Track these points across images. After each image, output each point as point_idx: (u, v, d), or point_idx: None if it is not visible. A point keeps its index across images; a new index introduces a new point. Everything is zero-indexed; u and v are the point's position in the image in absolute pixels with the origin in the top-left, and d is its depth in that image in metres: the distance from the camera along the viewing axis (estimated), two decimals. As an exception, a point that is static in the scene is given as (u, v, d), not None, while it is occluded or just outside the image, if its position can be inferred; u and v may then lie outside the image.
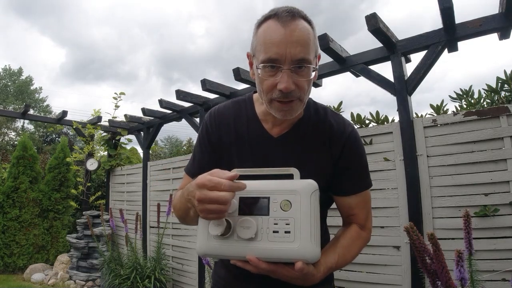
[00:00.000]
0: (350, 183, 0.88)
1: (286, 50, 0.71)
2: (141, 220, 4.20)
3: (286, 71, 0.72)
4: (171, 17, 77.92)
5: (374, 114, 2.74)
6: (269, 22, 0.74)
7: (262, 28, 0.75)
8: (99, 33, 58.56)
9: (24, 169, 4.98)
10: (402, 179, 2.16)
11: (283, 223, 0.67)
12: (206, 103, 3.63)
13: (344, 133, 0.87)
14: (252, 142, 0.88)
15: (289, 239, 0.65)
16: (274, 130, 0.87)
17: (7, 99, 23.66)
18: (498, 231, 1.81)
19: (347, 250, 0.83)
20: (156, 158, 10.23)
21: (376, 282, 2.20)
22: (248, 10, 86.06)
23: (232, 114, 0.92)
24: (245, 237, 0.67)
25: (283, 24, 0.71)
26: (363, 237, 0.89)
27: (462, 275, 1.03)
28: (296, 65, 0.72)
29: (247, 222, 0.68)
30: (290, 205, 0.68)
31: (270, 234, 0.67)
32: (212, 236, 0.70)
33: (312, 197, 0.69)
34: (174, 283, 3.81)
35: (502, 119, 1.86)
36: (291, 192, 0.69)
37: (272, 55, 0.72)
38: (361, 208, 0.89)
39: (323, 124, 0.87)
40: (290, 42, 0.71)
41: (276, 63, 0.72)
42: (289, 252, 0.65)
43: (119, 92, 5.05)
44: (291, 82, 0.72)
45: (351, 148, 0.87)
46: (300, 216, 0.66)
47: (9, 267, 4.73)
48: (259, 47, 0.75)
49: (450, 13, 1.98)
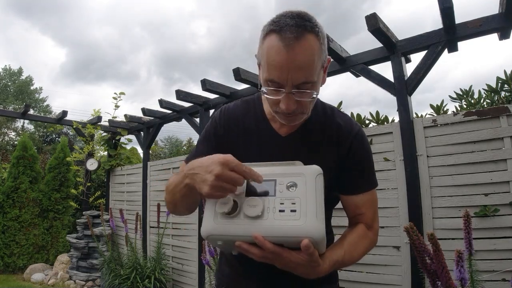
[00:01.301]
0: (358, 182, 0.88)
1: (288, 75, 0.70)
2: (141, 220, 4.20)
3: (287, 94, 0.72)
4: (173, 16, 77.98)
5: (374, 114, 2.74)
6: (273, 39, 0.71)
7: (267, 43, 0.73)
8: (100, 33, 58.62)
9: (24, 169, 4.98)
10: (402, 179, 2.16)
11: (289, 203, 0.68)
12: (206, 103, 3.63)
13: (351, 132, 0.88)
14: (260, 140, 0.89)
15: (295, 217, 0.66)
16: (282, 130, 0.89)
17: (7, 99, 23.67)
18: (498, 231, 1.81)
19: (353, 247, 0.82)
20: (156, 158, 10.23)
21: (376, 282, 2.20)
22: (250, 9, 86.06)
23: (241, 112, 0.93)
24: (251, 215, 0.68)
25: (287, 47, 0.68)
26: (370, 237, 0.88)
27: (462, 275, 1.03)
28: (297, 89, 0.72)
29: (254, 201, 0.69)
30: (296, 186, 0.70)
31: (276, 213, 0.68)
32: (219, 214, 0.70)
33: (317, 179, 0.71)
34: (174, 283, 3.81)
35: (502, 119, 1.86)
36: (297, 175, 0.71)
37: (274, 78, 0.72)
38: (368, 208, 0.89)
39: (331, 123, 0.88)
40: (292, 67, 0.69)
41: (277, 87, 0.73)
42: (295, 229, 0.65)
43: (119, 92, 5.06)
44: (291, 103, 0.73)
45: (358, 147, 0.88)
46: (306, 196, 0.68)
47: (9, 267, 4.73)
48: (263, 62, 0.74)
49: (450, 13, 1.98)
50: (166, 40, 69.96)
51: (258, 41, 0.78)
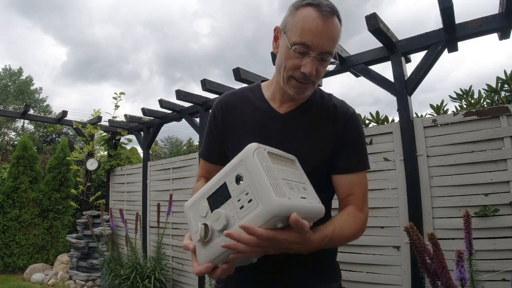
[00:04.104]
0: (351, 161, 0.92)
1: (320, 41, 0.79)
2: (141, 220, 4.20)
3: (313, 58, 0.80)
4: (176, 15, 77.93)
5: (374, 114, 2.74)
6: (311, 10, 0.80)
7: (302, 12, 0.81)
8: (102, 32, 58.58)
9: (24, 169, 4.98)
10: (402, 179, 2.16)
11: (244, 195, 0.67)
12: (206, 103, 3.63)
13: (347, 113, 0.94)
14: (259, 117, 0.94)
15: (254, 205, 0.64)
16: (281, 108, 0.94)
17: (7, 99, 23.65)
18: (498, 231, 1.81)
19: (344, 224, 0.83)
20: (156, 158, 10.24)
21: (376, 282, 2.20)
22: (254, 9, 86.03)
23: (239, 97, 1.00)
24: (220, 228, 0.67)
25: (324, 18, 0.79)
26: (361, 217, 0.89)
27: (462, 275, 1.03)
28: (322, 56, 0.81)
29: (216, 214, 0.69)
30: (242, 176, 0.68)
31: (238, 212, 0.67)
32: (199, 244, 0.70)
33: (255, 155, 0.68)
34: (174, 283, 3.81)
35: (502, 119, 1.86)
36: (237, 165, 0.69)
37: (307, 41, 0.79)
38: (359, 189, 0.91)
39: (328, 104, 0.95)
40: (325, 35, 0.79)
41: (307, 49, 0.80)
42: (258, 216, 0.63)
43: (119, 92, 5.07)
44: (314, 68, 0.81)
45: (353, 126, 0.93)
46: (253, 179, 0.66)
47: (9, 267, 4.73)
48: (294, 28, 0.81)
49: (450, 13, 1.98)
50: (168, 40, 69.98)
51: (286, 13, 0.86)
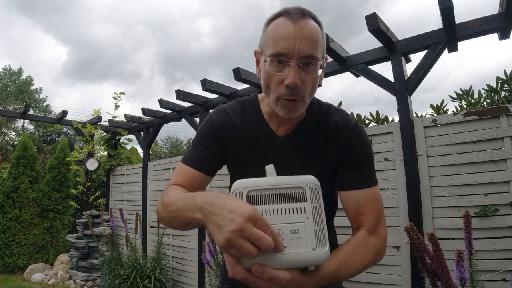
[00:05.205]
0: (357, 177, 0.85)
1: (295, 45, 0.72)
2: (141, 220, 4.20)
3: (293, 66, 0.72)
4: (176, 15, 77.89)
5: (374, 114, 2.74)
6: (280, 19, 0.76)
7: (272, 24, 0.77)
8: (103, 32, 58.62)
9: (24, 169, 4.98)
10: (402, 179, 2.16)
11: None
12: (206, 103, 3.63)
13: (348, 125, 0.86)
14: (258, 142, 0.89)
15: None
16: (280, 131, 0.88)
17: (7, 99, 23.64)
18: (498, 231, 1.81)
19: (349, 257, 0.73)
20: (156, 158, 10.24)
21: (376, 282, 2.20)
22: (255, 9, 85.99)
23: (238, 114, 0.92)
24: None
25: (293, 21, 0.73)
26: (372, 244, 0.78)
27: (462, 275, 1.03)
28: (303, 61, 0.73)
29: None
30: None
31: None
32: None
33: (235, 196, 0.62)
34: (174, 283, 3.81)
35: (502, 119, 1.86)
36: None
37: (281, 50, 0.72)
38: (370, 207, 0.82)
39: (328, 119, 0.88)
40: (299, 37, 0.72)
41: (284, 58, 0.73)
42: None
43: (119, 92, 5.06)
44: (297, 77, 0.72)
45: (357, 140, 0.86)
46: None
47: (9, 267, 4.73)
48: (267, 42, 0.76)
49: (450, 13, 1.98)
50: (169, 39, 69.99)
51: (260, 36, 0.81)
